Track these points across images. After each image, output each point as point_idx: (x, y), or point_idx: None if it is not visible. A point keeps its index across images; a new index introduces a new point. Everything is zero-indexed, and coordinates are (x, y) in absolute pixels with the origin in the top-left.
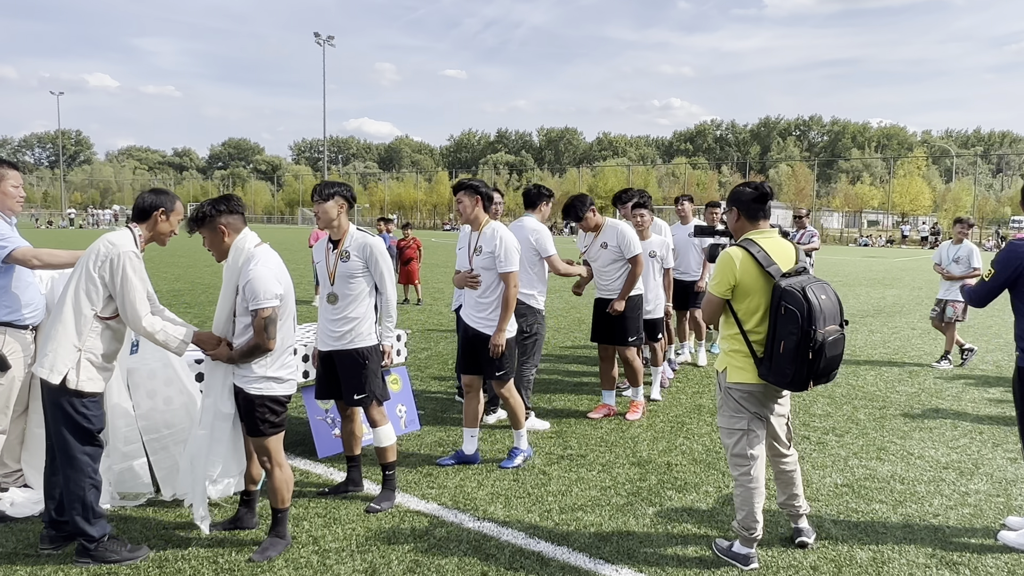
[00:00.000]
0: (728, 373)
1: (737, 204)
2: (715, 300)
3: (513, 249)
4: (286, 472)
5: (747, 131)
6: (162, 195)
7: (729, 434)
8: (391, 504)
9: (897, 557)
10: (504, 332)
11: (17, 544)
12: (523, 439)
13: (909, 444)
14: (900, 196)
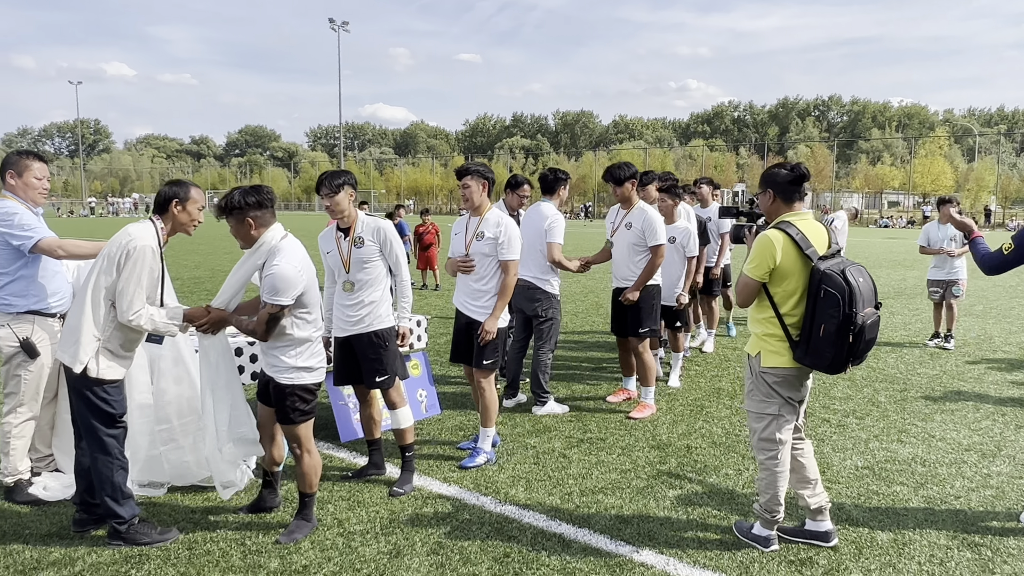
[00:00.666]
0: (762, 357)
1: (772, 186)
2: (753, 283)
3: (516, 237)
4: (315, 458)
5: (765, 112)
6: (176, 186)
7: (759, 418)
8: (412, 486)
9: (918, 539)
10: (497, 319)
11: (51, 527)
12: (488, 440)
13: (930, 426)
14: (921, 176)
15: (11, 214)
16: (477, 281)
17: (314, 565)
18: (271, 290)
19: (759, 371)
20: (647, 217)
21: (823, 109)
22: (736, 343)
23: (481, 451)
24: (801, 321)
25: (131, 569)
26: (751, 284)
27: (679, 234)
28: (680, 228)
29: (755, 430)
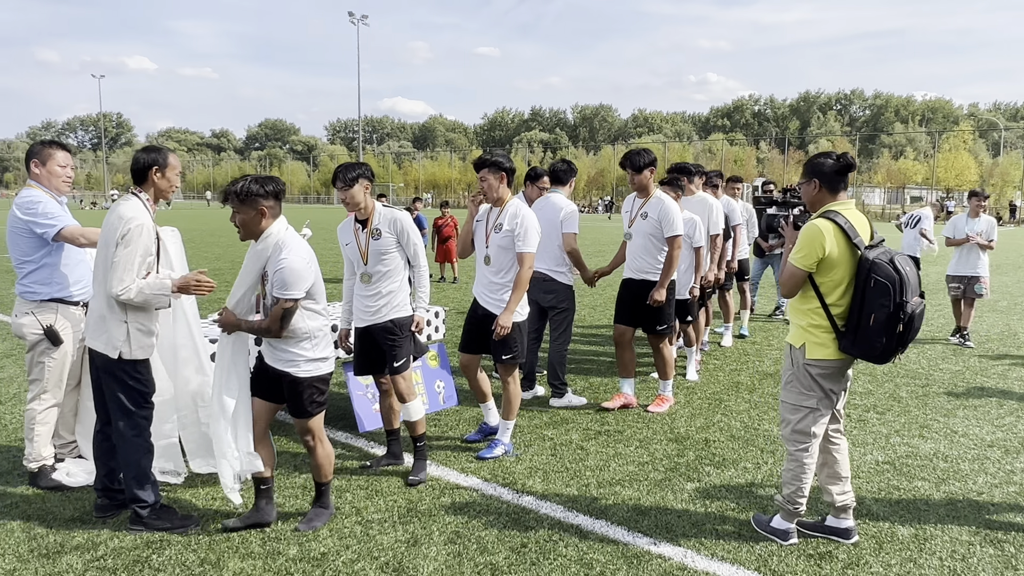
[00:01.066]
0: (808, 349)
1: (819, 175)
2: (800, 273)
3: (533, 230)
4: (327, 447)
5: (786, 106)
6: (154, 152)
7: (795, 410)
8: (427, 474)
9: (939, 535)
10: (512, 313)
11: (74, 512)
12: (508, 432)
13: (953, 422)
14: (945, 171)
15: (35, 202)
16: (495, 274)
17: (332, 552)
18: (282, 285)
19: (803, 363)
20: (664, 206)
21: (845, 103)
22: (755, 337)
23: (500, 443)
24: (847, 311)
25: (152, 554)
26: (798, 274)
27: (685, 226)
28: (686, 219)
29: (789, 421)
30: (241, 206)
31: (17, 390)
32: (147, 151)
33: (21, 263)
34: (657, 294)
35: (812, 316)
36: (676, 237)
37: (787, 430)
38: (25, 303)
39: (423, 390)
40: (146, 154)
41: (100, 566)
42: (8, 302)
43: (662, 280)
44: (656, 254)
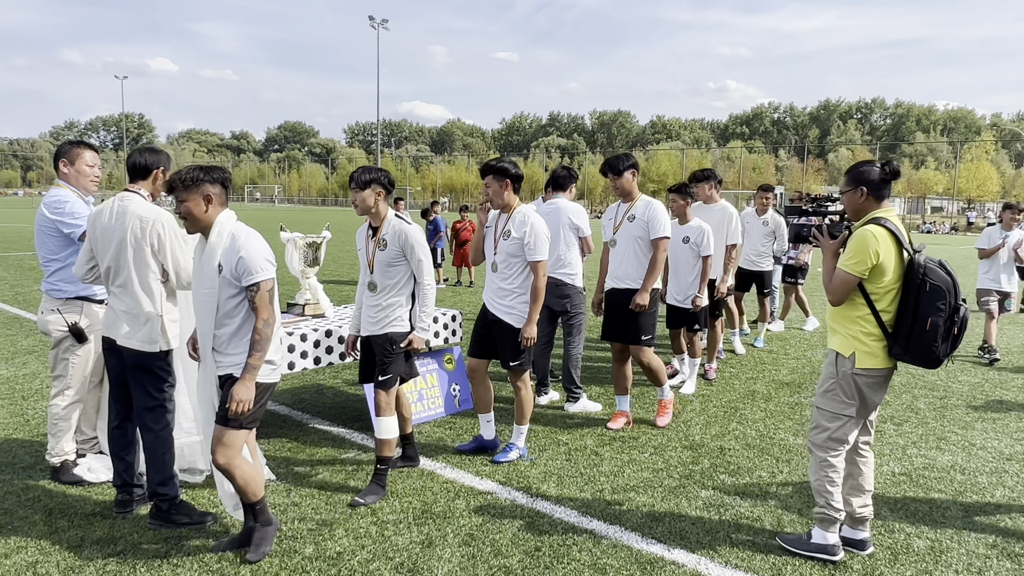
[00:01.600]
0: (858, 358)
1: (866, 183)
2: (852, 280)
3: (543, 236)
4: (247, 471)
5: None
6: (159, 154)
7: (834, 418)
8: (376, 499)
9: (956, 547)
10: (534, 324)
11: (95, 507)
12: (522, 436)
13: (971, 434)
14: (966, 181)
15: (63, 202)
16: (504, 280)
17: (348, 552)
18: (248, 272)
19: (852, 372)
20: (652, 207)
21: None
22: (771, 346)
23: (514, 447)
24: (895, 318)
25: (171, 549)
26: (850, 280)
27: (692, 233)
28: (694, 227)
29: (826, 428)
30: (187, 192)
31: (40, 386)
32: (153, 152)
33: (48, 261)
34: (640, 298)
35: (862, 324)
36: (662, 239)
37: (821, 436)
38: (51, 300)
39: (439, 393)
40: (153, 155)
41: (120, 560)
42: (33, 300)
43: (645, 283)
44: (643, 259)
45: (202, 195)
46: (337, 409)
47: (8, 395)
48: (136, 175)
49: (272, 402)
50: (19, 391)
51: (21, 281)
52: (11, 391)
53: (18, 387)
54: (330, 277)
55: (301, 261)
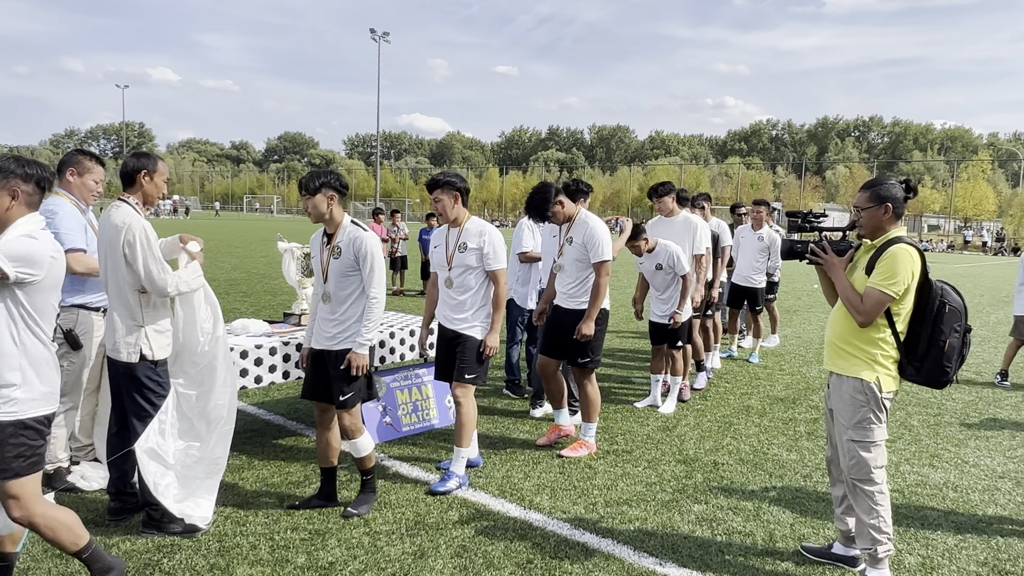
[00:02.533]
0: (883, 383)
1: (892, 201)
2: (888, 300)
3: (501, 245)
4: (53, 519)
5: (804, 131)
6: (143, 158)
7: (874, 447)
8: (369, 508)
9: (947, 564)
10: (497, 333)
11: (87, 514)
12: (461, 463)
13: (964, 452)
14: (963, 200)
15: (53, 213)
16: (461, 293)
17: (340, 562)
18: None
19: (882, 398)
20: (589, 229)
21: (864, 130)
22: (766, 361)
23: (453, 475)
24: (907, 339)
25: (163, 558)
26: (886, 301)
27: (662, 259)
28: (661, 252)
29: (869, 460)
30: None
31: None
32: (136, 156)
33: None
34: (585, 327)
35: (882, 346)
36: (603, 263)
37: (865, 471)
38: None
39: (434, 404)
40: (136, 159)
41: None
42: None
43: (589, 311)
44: (588, 281)
45: (8, 190)
46: None
47: None
48: (124, 183)
49: (267, 412)
50: None
51: None
52: None
53: None
54: None
55: (298, 271)
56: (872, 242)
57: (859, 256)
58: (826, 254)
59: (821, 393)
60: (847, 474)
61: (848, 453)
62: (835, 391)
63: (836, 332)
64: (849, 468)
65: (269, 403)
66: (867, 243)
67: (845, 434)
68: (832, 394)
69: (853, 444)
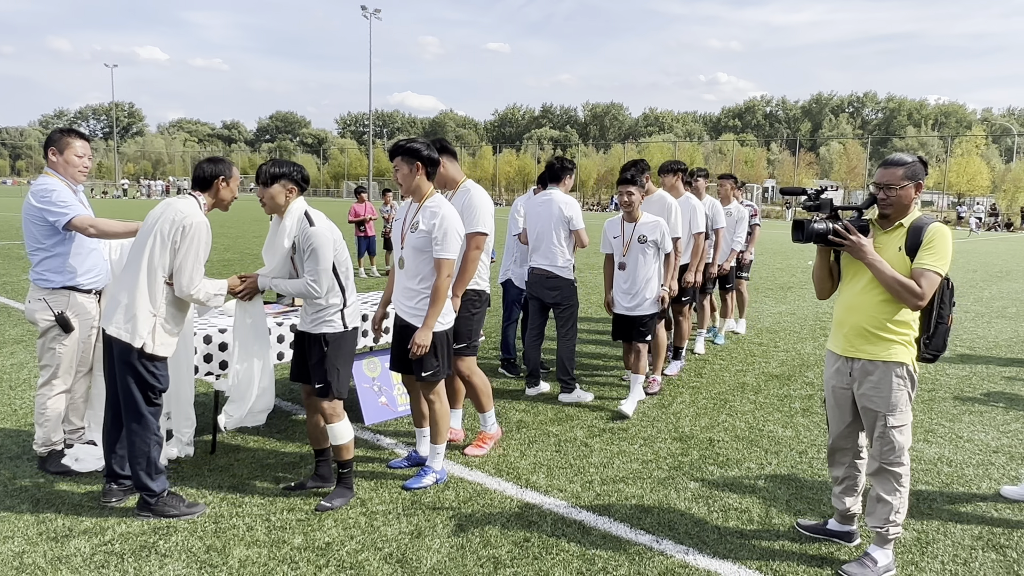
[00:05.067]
0: (915, 364)
1: (921, 179)
2: (941, 281)
3: (454, 232)
4: None
5: (798, 108)
6: (220, 163)
7: (906, 429)
8: (344, 502)
9: (942, 538)
10: (430, 330)
11: (82, 497)
12: (438, 459)
13: (958, 427)
14: (957, 176)
15: (49, 191)
16: (411, 279)
17: (336, 542)
18: None
19: (917, 378)
20: (469, 198)
21: (858, 106)
22: (761, 338)
23: (430, 470)
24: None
25: (159, 540)
26: (938, 281)
27: (649, 231)
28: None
29: (903, 443)
30: None
31: (28, 376)
32: (214, 162)
33: (34, 250)
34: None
35: (913, 326)
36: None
37: (897, 455)
38: (38, 290)
39: None
40: (214, 165)
41: (108, 550)
42: (20, 289)
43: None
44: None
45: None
46: None
47: None
48: (197, 185)
49: None
50: (6, 381)
51: (8, 270)
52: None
53: (5, 377)
54: None
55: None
56: (901, 221)
57: (880, 236)
58: (852, 235)
59: (816, 370)
60: (880, 459)
61: (884, 439)
62: (865, 378)
63: (866, 317)
64: (883, 453)
65: None
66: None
67: (881, 420)
68: (861, 382)
69: (891, 430)
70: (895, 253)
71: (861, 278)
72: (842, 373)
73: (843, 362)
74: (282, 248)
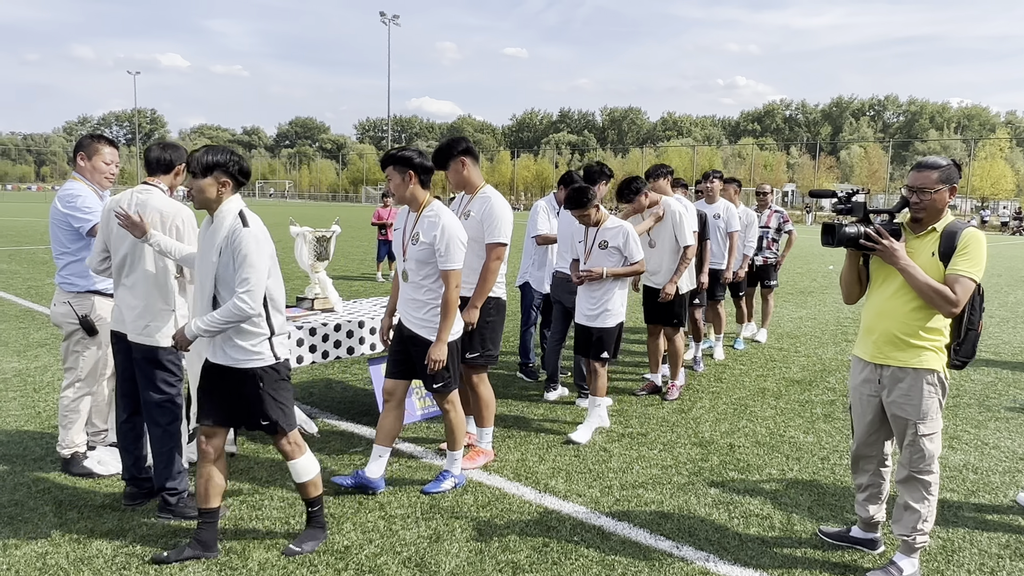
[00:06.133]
0: (946, 371)
1: (954, 183)
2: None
3: (457, 241)
4: None
5: (818, 111)
6: (179, 149)
7: (936, 437)
8: (316, 544)
9: (968, 547)
10: (444, 343)
11: (104, 499)
12: (457, 463)
13: (984, 433)
14: (980, 179)
15: (75, 196)
16: (417, 291)
17: (355, 546)
18: None
19: (947, 385)
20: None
21: (879, 109)
22: (781, 344)
23: (448, 475)
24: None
25: (180, 540)
26: (973, 288)
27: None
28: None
29: (933, 451)
30: None
31: (51, 378)
32: (173, 148)
33: (60, 255)
34: (468, 315)
35: (944, 334)
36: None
37: (928, 463)
38: (63, 293)
39: None
40: (175, 150)
41: (129, 552)
42: (46, 293)
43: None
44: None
45: None
46: (346, 404)
47: (20, 387)
48: (157, 169)
49: None
50: (31, 383)
51: (34, 275)
52: (23, 383)
53: (30, 379)
54: (339, 272)
55: (310, 255)
56: (934, 226)
57: (911, 240)
58: (884, 240)
59: (837, 375)
60: (909, 467)
61: (914, 447)
62: (895, 386)
63: (897, 323)
64: (912, 461)
65: None
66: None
67: (911, 428)
68: (891, 390)
69: (921, 438)
70: (928, 258)
71: (891, 283)
72: (870, 380)
73: (872, 369)
74: (209, 262)
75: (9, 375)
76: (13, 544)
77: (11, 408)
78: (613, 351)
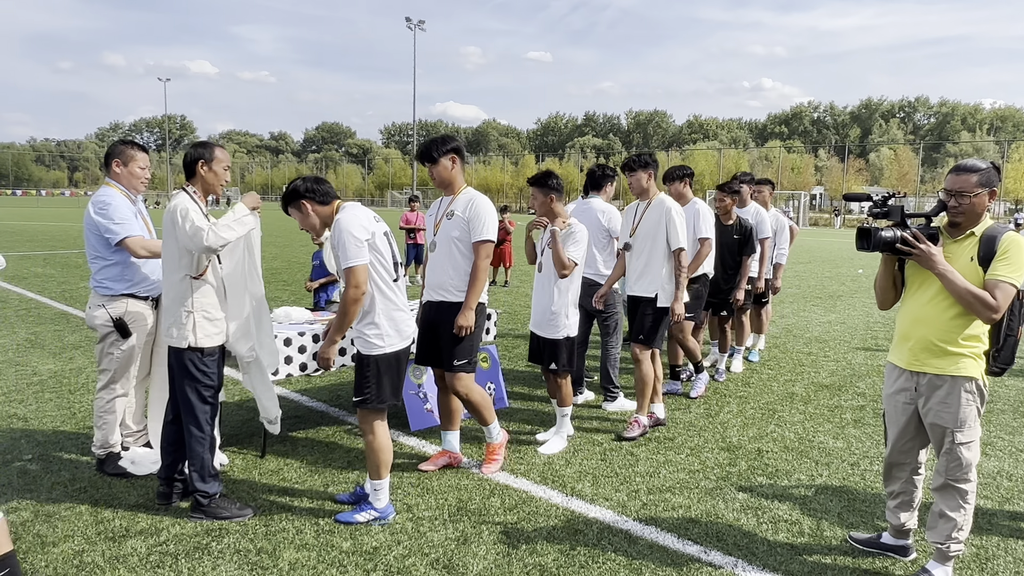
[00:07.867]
0: (984, 379)
1: (994, 186)
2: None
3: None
4: None
5: (847, 113)
6: (200, 147)
7: (974, 445)
8: None
9: (1003, 555)
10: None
11: (138, 498)
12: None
13: (1018, 440)
14: (1014, 182)
15: (107, 204)
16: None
17: (384, 547)
18: None
19: (987, 392)
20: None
21: (909, 111)
22: (810, 348)
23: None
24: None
25: (212, 541)
26: (1013, 294)
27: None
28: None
29: (971, 459)
30: None
31: (86, 380)
32: (195, 146)
33: (94, 259)
34: (463, 319)
35: (983, 340)
36: (483, 242)
37: (965, 471)
38: (98, 296)
39: None
40: (193, 149)
41: (163, 551)
42: (80, 296)
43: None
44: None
45: None
46: None
47: (56, 389)
48: (185, 173)
49: (309, 399)
50: (66, 385)
51: (68, 278)
52: (59, 385)
53: (65, 381)
54: None
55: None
56: (973, 230)
57: (949, 245)
58: (921, 244)
59: (867, 380)
60: (946, 475)
61: (951, 455)
62: (932, 393)
63: (934, 330)
64: (949, 469)
65: (312, 390)
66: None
67: (949, 437)
68: (928, 397)
69: (959, 447)
70: (967, 263)
71: (928, 289)
72: (906, 388)
73: (907, 376)
74: None
75: (45, 377)
76: (50, 542)
77: (48, 409)
78: (567, 361)
